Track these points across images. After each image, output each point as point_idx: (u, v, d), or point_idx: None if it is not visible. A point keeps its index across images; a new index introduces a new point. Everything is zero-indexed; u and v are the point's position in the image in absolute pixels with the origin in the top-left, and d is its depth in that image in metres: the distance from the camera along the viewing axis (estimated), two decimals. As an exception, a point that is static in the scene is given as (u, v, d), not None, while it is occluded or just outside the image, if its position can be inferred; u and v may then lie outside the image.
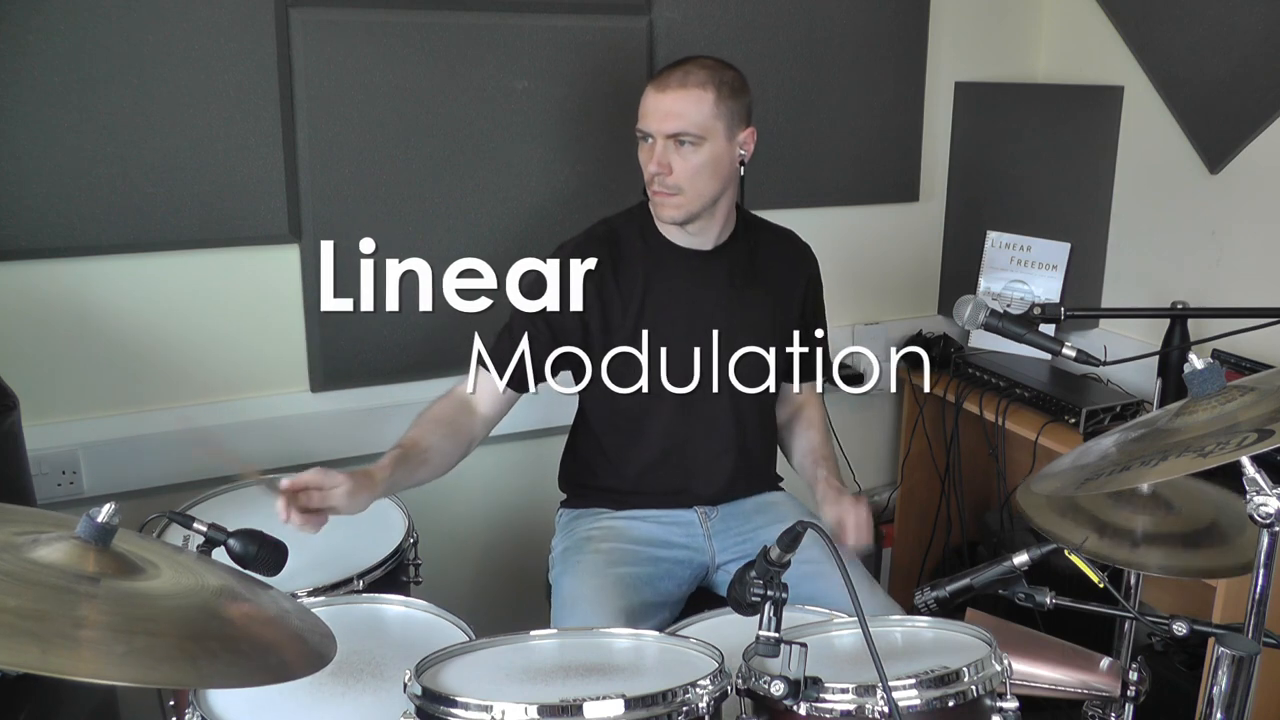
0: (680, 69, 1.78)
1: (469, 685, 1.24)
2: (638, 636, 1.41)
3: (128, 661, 0.94)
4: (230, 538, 1.42)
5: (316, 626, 1.19)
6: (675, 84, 1.76)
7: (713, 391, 1.87)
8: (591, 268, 1.82)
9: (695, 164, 1.77)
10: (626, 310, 1.85)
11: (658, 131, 1.76)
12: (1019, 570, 1.37)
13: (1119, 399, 2.41)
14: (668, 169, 1.76)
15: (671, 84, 1.76)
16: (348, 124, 2.10)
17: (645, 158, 1.80)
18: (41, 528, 1.09)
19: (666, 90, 1.76)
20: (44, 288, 1.97)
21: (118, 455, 2.04)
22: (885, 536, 2.89)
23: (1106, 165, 2.67)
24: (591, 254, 1.84)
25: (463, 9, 2.16)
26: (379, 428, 2.25)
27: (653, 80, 1.80)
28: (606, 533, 1.88)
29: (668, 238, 1.88)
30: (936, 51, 2.69)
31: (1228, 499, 1.65)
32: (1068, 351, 1.73)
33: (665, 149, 1.76)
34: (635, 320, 1.85)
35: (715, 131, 1.77)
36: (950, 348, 2.72)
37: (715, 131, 1.77)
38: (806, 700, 1.20)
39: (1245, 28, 2.33)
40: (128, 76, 1.92)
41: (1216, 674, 1.28)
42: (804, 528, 1.23)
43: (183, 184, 2.00)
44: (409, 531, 1.80)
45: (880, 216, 2.76)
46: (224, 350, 2.13)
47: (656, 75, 1.81)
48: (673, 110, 1.75)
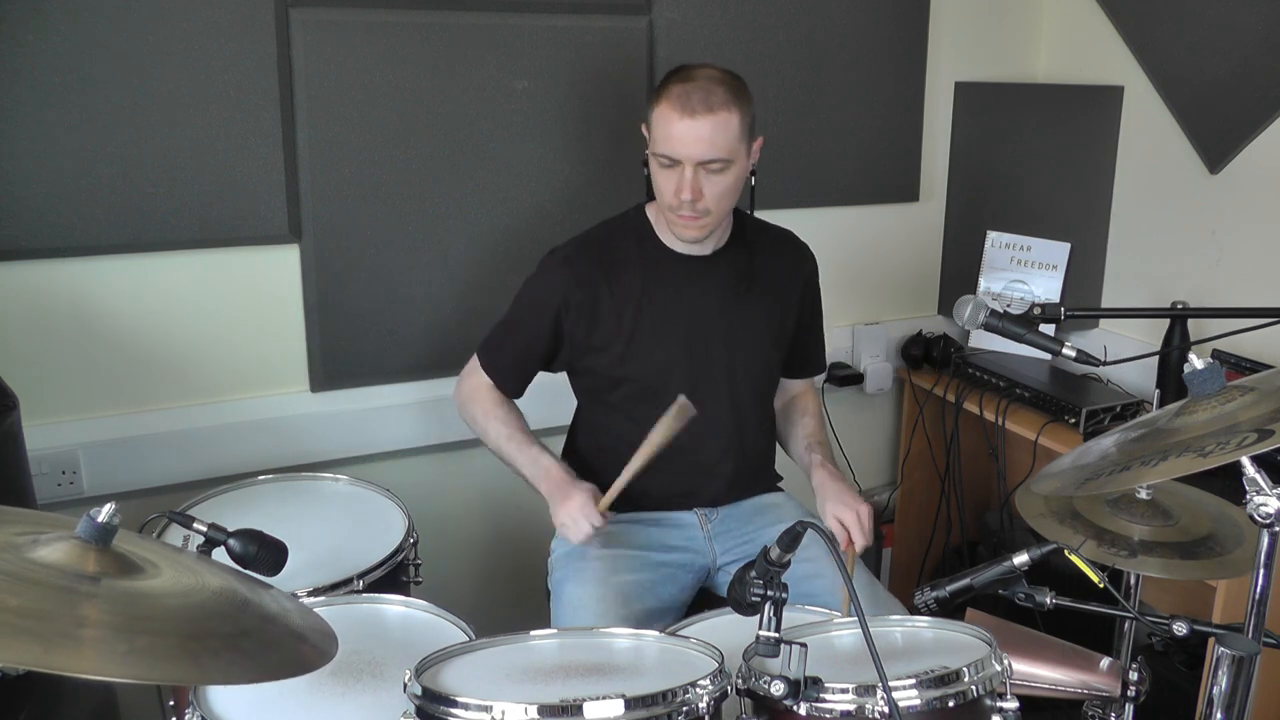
0: (699, 88, 1.69)
1: (469, 685, 1.24)
2: (638, 636, 1.41)
3: (129, 660, 0.94)
4: (230, 538, 1.42)
5: (317, 625, 1.19)
6: (703, 108, 1.68)
7: (712, 395, 1.87)
8: (583, 273, 1.83)
9: (723, 187, 1.74)
10: (622, 317, 1.84)
11: (688, 159, 1.70)
12: (1019, 570, 1.37)
13: (1119, 399, 2.41)
14: (699, 194, 1.72)
15: (699, 108, 1.68)
16: (348, 124, 2.11)
17: (669, 183, 1.73)
18: (42, 528, 1.09)
19: (697, 116, 1.68)
20: (44, 288, 1.97)
21: (118, 455, 2.04)
22: (885, 536, 2.89)
23: (1106, 165, 2.67)
24: (584, 260, 1.84)
25: (463, 9, 2.16)
26: (379, 428, 2.27)
27: (671, 102, 1.70)
28: (607, 538, 1.87)
29: (666, 244, 1.88)
30: (936, 51, 2.70)
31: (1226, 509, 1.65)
32: (1068, 351, 1.73)
33: (696, 175, 1.71)
34: (632, 326, 1.84)
35: (740, 153, 1.74)
36: (950, 348, 2.72)
37: (740, 153, 1.74)
38: (806, 700, 1.20)
39: (1245, 28, 2.33)
40: (128, 76, 1.92)
41: (1216, 674, 1.28)
42: (804, 528, 1.23)
43: (183, 184, 2.00)
44: (409, 531, 1.80)
45: (880, 216, 2.76)
46: (224, 350, 2.13)
47: (675, 96, 1.70)
48: (704, 137, 1.69)
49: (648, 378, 1.86)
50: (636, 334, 1.85)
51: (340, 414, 2.23)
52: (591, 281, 1.83)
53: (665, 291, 1.86)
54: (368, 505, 1.92)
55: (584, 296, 1.83)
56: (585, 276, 1.83)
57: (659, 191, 1.78)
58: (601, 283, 1.84)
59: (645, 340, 1.85)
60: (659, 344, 1.86)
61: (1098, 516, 1.64)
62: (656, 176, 1.77)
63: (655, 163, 1.75)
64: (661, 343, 1.86)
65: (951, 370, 2.68)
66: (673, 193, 1.73)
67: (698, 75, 1.72)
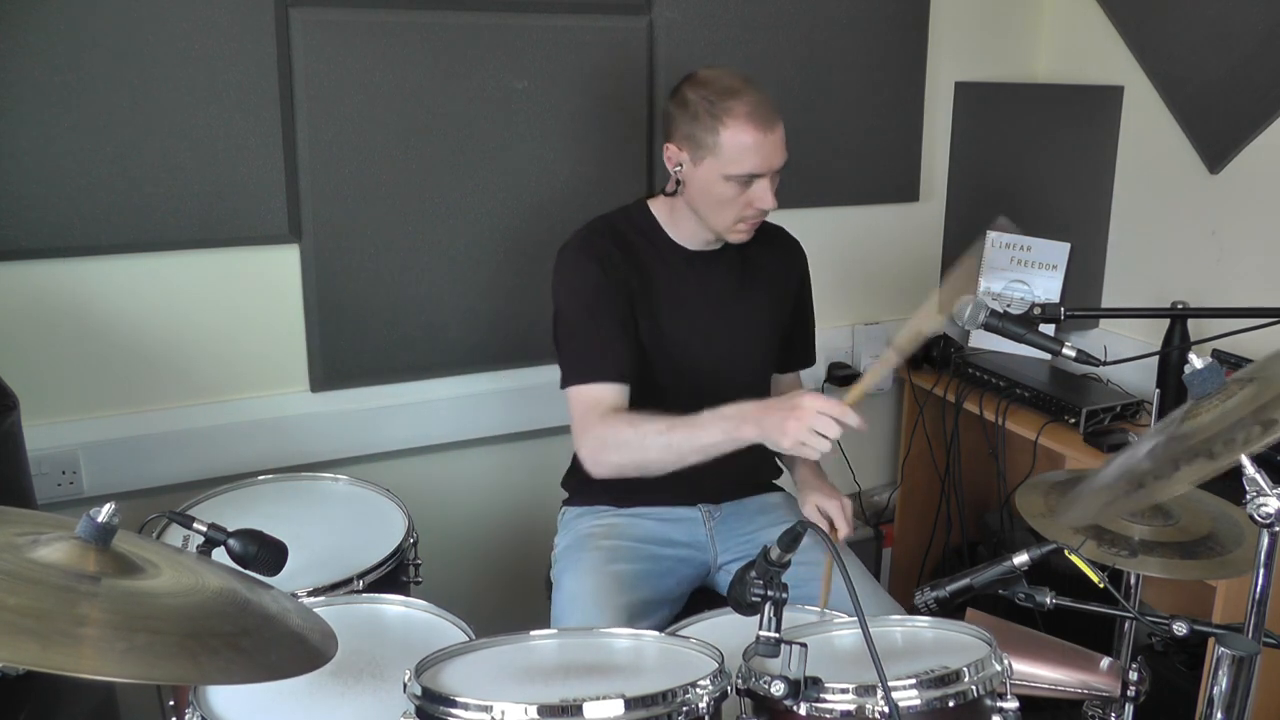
0: (761, 101, 1.73)
1: (469, 685, 1.24)
2: (638, 636, 1.41)
3: (129, 659, 0.94)
4: (230, 538, 1.42)
5: (317, 625, 1.19)
6: (774, 118, 1.73)
7: (716, 389, 1.87)
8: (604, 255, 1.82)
9: (777, 185, 1.79)
10: (646, 301, 1.85)
11: (770, 170, 1.75)
12: (1019, 570, 1.37)
13: (1119, 399, 2.41)
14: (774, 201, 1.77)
15: (773, 120, 1.73)
16: (348, 124, 2.11)
17: (743, 197, 1.75)
18: (42, 528, 1.09)
19: (774, 129, 1.73)
20: (44, 288, 1.97)
21: (118, 455, 2.04)
22: (885, 536, 2.89)
23: (1106, 165, 2.67)
24: (600, 244, 1.84)
25: (463, 9, 2.16)
26: (379, 428, 2.27)
27: (745, 121, 1.71)
28: (609, 530, 1.88)
29: (673, 239, 1.89)
30: (936, 51, 2.70)
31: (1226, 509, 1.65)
32: (1068, 351, 1.73)
33: (772, 180, 1.76)
34: (643, 313, 1.85)
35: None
36: (950, 348, 2.72)
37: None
38: (806, 700, 1.20)
39: (1245, 28, 2.33)
40: (128, 76, 1.92)
41: (1216, 674, 1.28)
42: (804, 528, 1.23)
43: (183, 184, 2.00)
44: (409, 531, 1.80)
45: (880, 216, 2.76)
46: (224, 350, 2.13)
47: (745, 114, 1.71)
48: (780, 145, 1.75)
49: (651, 368, 1.86)
50: (645, 321, 1.85)
51: (340, 414, 2.23)
52: (614, 264, 1.83)
53: (677, 285, 1.88)
54: (368, 505, 1.92)
55: (616, 273, 1.82)
56: (608, 259, 1.83)
57: (724, 207, 1.77)
58: (623, 265, 1.84)
59: (654, 332, 1.85)
60: (665, 334, 1.86)
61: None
62: (723, 194, 1.75)
63: (724, 182, 1.74)
64: (668, 335, 1.86)
65: (951, 370, 2.68)
66: (748, 203, 1.76)
67: (745, 88, 1.74)
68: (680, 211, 1.86)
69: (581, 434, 1.76)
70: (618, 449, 1.71)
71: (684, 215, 1.86)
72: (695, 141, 1.75)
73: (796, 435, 1.54)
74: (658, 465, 1.69)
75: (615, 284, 1.81)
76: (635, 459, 1.71)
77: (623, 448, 1.71)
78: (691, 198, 1.80)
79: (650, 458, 1.69)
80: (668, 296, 1.86)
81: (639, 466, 1.71)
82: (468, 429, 2.36)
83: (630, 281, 1.83)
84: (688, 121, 1.75)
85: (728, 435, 1.63)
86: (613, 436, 1.72)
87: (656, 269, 1.86)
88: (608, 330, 1.79)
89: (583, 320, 1.80)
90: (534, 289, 2.18)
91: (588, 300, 1.80)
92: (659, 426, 1.67)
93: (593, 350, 1.79)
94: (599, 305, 1.79)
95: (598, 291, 1.79)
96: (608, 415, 1.74)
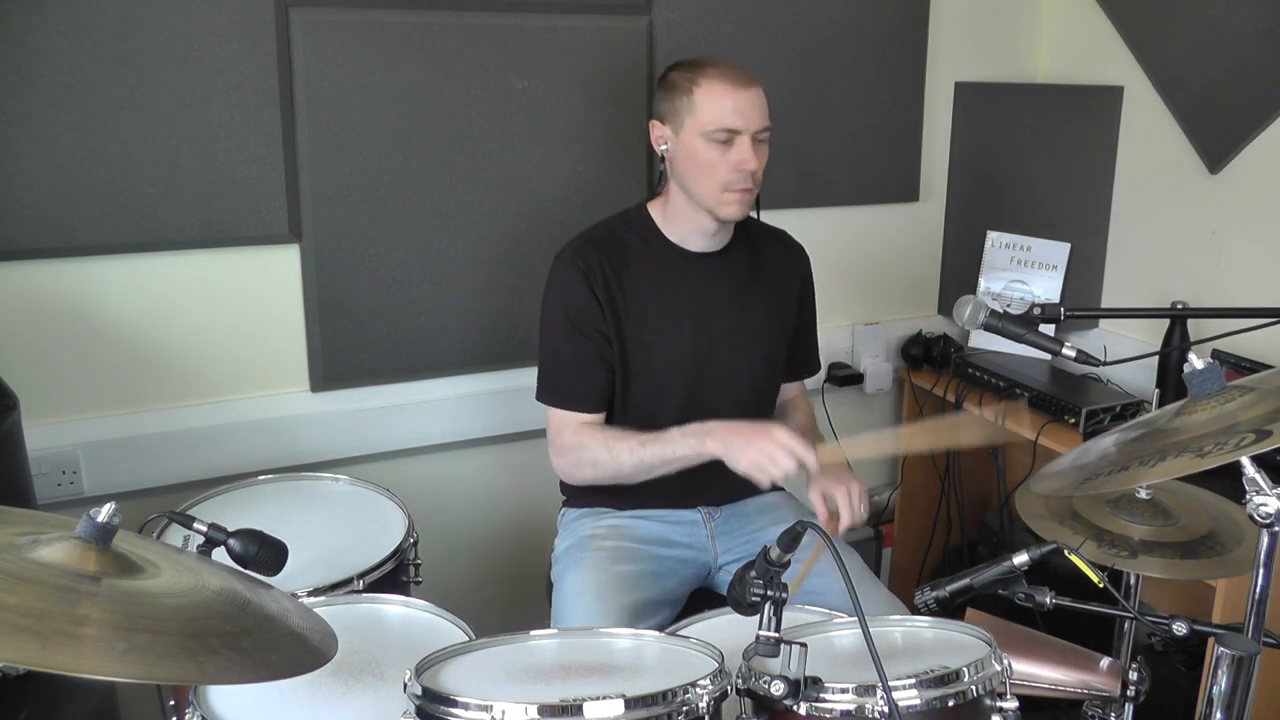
0: (734, 65, 1.75)
1: (469, 685, 1.24)
2: (638, 636, 1.41)
3: (129, 658, 0.94)
4: (230, 538, 1.42)
5: (317, 625, 1.19)
6: (750, 79, 1.74)
7: (718, 393, 1.87)
8: (596, 267, 1.83)
9: (765, 159, 1.79)
10: (630, 313, 1.84)
11: (747, 128, 1.74)
12: (1019, 570, 1.37)
13: (1119, 399, 2.41)
14: (758, 164, 1.76)
15: (742, 77, 1.74)
16: (348, 124, 2.11)
17: (725, 159, 1.74)
18: (42, 528, 1.09)
19: (750, 86, 1.74)
20: (44, 288, 1.97)
21: (118, 455, 2.04)
22: (885, 536, 2.89)
23: (1106, 165, 2.67)
24: (594, 254, 1.84)
25: (462, 9, 2.16)
26: (379, 428, 2.27)
27: (717, 79, 1.73)
28: (610, 531, 1.88)
29: (674, 242, 1.88)
30: (936, 51, 2.70)
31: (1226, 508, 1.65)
32: (1068, 351, 1.73)
33: (754, 144, 1.75)
34: (639, 323, 1.85)
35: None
36: (950, 348, 2.72)
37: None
38: (806, 700, 1.20)
39: (1245, 28, 2.33)
40: (128, 76, 1.92)
41: (1216, 674, 1.28)
42: (804, 528, 1.23)
43: (183, 184, 2.00)
44: (409, 531, 1.80)
45: (880, 216, 2.76)
46: (224, 350, 2.13)
47: (718, 74, 1.74)
48: (758, 104, 1.75)
49: (655, 374, 1.86)
50: (645, 329, 1.85)
51: (340, 414, 2.23)
52: (604, 275, 1.83)
53: (674, 288, 1.87)
54: (368, 505, 1.92)
55: (602, 289, 1.83)
56: (599, 270, 1.83)
57: (709, 172, 1.76)
58: (613, 277, 1.84)
59: (654, 337, 1.85)
60: (668, 341, 1.86)
61: (1098, 516, 1.64)
62: (706, 157, 1.75)
63: (705, 143, 1.75)
64: (670, 339, 1.86)
65: (951, 370, 2.68)
66: (731, 166, 1.75)
67: (717, 58, 1.78)
68: (674, 204, 1.86)
69: (556, 449, 1.88)
70: (592, 465, 1.83)
71: (678, 207, 1.85)
72: (674, 110, 1.78)
73: (756, 459, 1.65)
74: (629, 478, 1.82)
75: (602, 302, 1.82)
76: (608, 474, 1.82)
77: (596, 465, 1.83)
78: (678, 172, 1.81)
79: (624, 473, 1.81)
80: (666, 301, 1.86)
81: (612, 479, 1.83)
82: (468, 429, 2.36)
83: (620, 296, 1.83)
84: (668, 97, 1.79)
85: (692, 450, 1.74)
86: (586, 454, 1.83)
87: (655, 274, 1.86)
88: (586, 355, 1.83)
89: (564, 342, 1.84)
90: (534, 289, 2.17)
91: (572, 320, 1.83)
92: (630, 444, 1.78)
93: (572, 378, 1.85)
94: (581, 328, 1.83)
95: (582, 313, 1.82)
96: (581, 431, 1.84)
